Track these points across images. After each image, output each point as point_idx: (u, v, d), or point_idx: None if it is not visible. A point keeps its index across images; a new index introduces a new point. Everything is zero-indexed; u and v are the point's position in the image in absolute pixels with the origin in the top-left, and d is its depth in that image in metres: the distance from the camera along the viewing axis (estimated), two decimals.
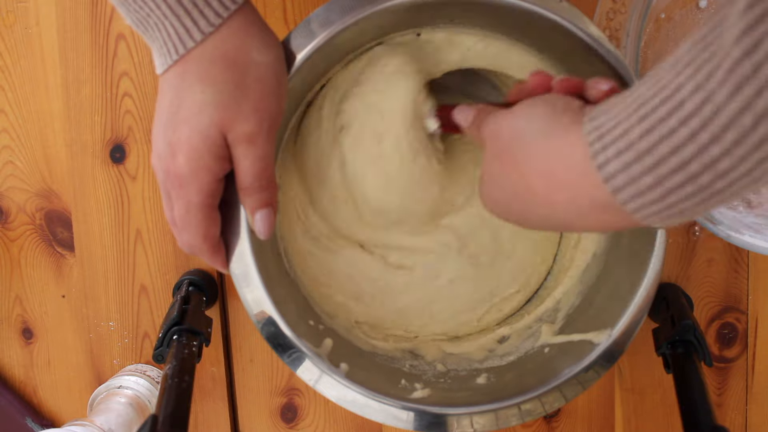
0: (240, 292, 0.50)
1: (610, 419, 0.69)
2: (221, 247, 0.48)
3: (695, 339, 0.56)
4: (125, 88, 0.66)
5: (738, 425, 0.69)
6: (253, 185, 0.44)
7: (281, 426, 0.71)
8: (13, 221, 0.69)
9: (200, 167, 0.42)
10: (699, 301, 0.68)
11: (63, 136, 0.67)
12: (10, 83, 0.67)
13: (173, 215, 0.45)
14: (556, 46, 0.52)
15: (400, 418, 0.51)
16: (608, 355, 0.51)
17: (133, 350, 0.70)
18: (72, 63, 0.66)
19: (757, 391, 0.69)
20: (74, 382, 0.71)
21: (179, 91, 0.42)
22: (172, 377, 0.51)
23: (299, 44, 0.48)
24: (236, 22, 0.42)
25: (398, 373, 0.56)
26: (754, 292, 0.68)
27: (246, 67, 0.42)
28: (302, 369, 0.51)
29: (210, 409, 0.70)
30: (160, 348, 0.57)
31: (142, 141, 0.67)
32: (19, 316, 0.70)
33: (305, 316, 0.55)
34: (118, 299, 0.69)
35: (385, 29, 0.53)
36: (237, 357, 0.69)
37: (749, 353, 0.69)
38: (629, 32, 0.56)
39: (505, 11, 0.49)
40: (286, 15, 0.65)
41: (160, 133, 0.43)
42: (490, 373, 0.56)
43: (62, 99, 0.67)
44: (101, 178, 0.67)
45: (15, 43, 0.66)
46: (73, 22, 0.65)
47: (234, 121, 0.42)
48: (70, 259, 0.69)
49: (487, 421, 0.51)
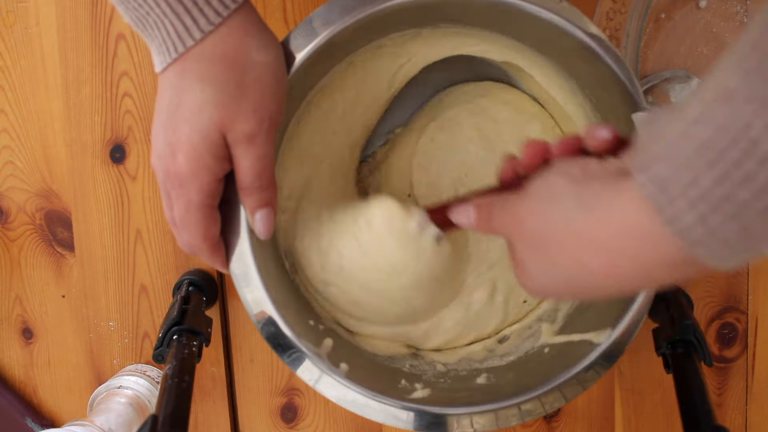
0: (240, 292, 0.50)
1: (610, 419, 0.69)
2: (221, 247, 0.48)
3: (695, 339, 0.56)
4: (125, 88, 0.66)
5: (738, 425, 0.69)
6: (253, 185, 0.44)
7: (281, 426, 0.71)
8: (13, 221, 0.69)
9: (200, 167, 0.42)
10: (699, 301, 0.67)
11: (63, 136, 0.67)
12: (10, 83, 0.67)
13: (173, 215, 0.45)
14: (556, 46, 0.52)
15: (400, 418, 0.51)
16: (608, 355, 0.51)
17: (133, 350, 0.70)
18: (72, 63, 0.66)
19: (757, 391, 0.69)
20: (74, 382, 0.71)
21: (179, 91, 0.42)
22: (172, 377, 0.51)
23: (299, 44, 0.48)
24: (236, 21, 0.42)
25: (398, 373, 0.56)
26: (754, 292, 0.67)
27: (245, 66, 0.42)
28: (302, 369, 0.51)
29: (210, 409, 0.70)
30: (160, 348, 0.57)
31: (142, 141, 0.67)
32: (19, 316, 0.70)
33: (305, 316, 0.55)
34: (118, 299, 0.69)
35: (385, 29, 0.53)
36: (237, 357, 0.69)
37: (749, 353, 0.68)
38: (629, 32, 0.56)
39: (505, 11, 0.49)
40: (286, 15, 0.65)
41: (159, 133, 0.43)
42: (490, 373, 0.56)
43: (62, 99, 0.67)
44: (101, 178, 0.67)
45: (15, 43, 0.66)
46: (73, 22, 0.65)
47: (234, 120, 0.42)
48: (70, 259, 0.69)
49: (487, 421, 0.51)
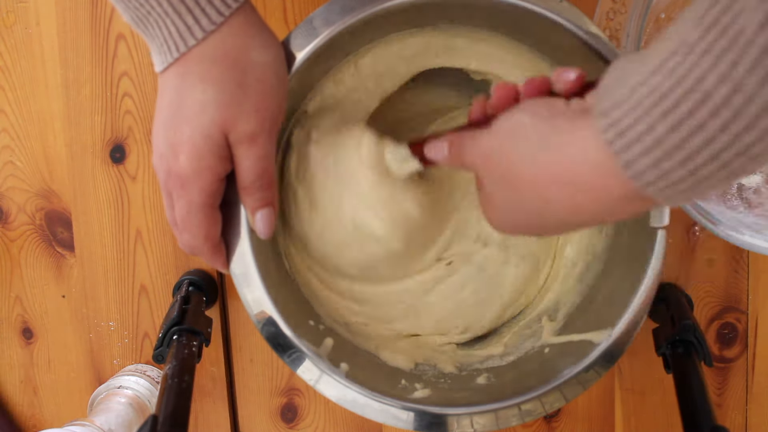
0: (240, 292, 0.50)
1: (610, 419, 0.69)
2: (222, 247, 0.48)
3: (695, 339, 0.56)
4: (125, 88, 0.66)
5: (738, 425, 0.69)
6: (254, 185, 0.44)
7: (281, 426, 0.71)
8: (13, 221, 0.69)
9: (202, 167, 0.42)
10: (699, 301, 0.67)
11: (63, 136, 0.67)
12: (10, 83, 0.67)
13: (174, 215, 0.45)
14: (556, 46, 0.52)
15: (400, 418, 0.51)
16: (608, 355, 0.51)
17: (133, 350, 0.70)
18: (72, 63, 0.66)
19: (757, 391, 0.69)
20: (74, 382, 0.71)
21: (180, 91, 0.42)
22: (172, 377, 0.51)
23: (300, 44, 0.48)
24: (237, 21, 0.42)
25: (398, 373, 0.56)
26: (754, 292, 0.67)
27: (246, 66, 0.42)
28: (302, 369, 0.51)
29: (210, 409, 0.70)
30: (160, 348, 0.57)
31: (142, 141, 0.67)
32: (19, 316, 0.70)
33: (305, 316, 0.55)
34: (118, 299, 0.69)
35: (385, 29, 0.53)
36: (237, 357, 0.69)
37: (749, 353, 0.68)
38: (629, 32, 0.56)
39: (505, 11, 0.49)
40: (286, 15, 0.65)
41: (160, 133, 0.43)
42: (490, 373, 0.56)
43: (62, 99, 0.67)
44: (101, 178, 0.67)
45: (15, 43, 0.66)
46: (73, 22, 0.65)
47: (235, 120, 0.42)
48: (70, 259, 0.69)
49: (487, 421, 0.51)
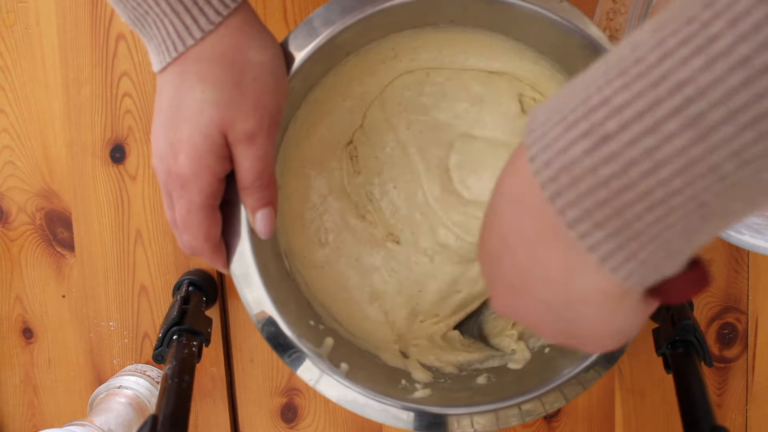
0: (240, 292, 0.50)
1: (610, 419, 0.69)
2: (222, 247, 0.48)
3: (695, 339, 0.56)
4: (125, 88, 0.66)
5: (738, 425, 0.69)
6: (254, 184, 0.44)
7: (281, 426, 0.71)
8: (13, 221, 0.69)
9: (202, 167, 0.42)
10: (699, 301, 0.67)
11: (63, 136, 0.67)
12: (10, 83, 0.67)
13: (174, 216, 0.45)
14: (556, 46, 0.52)
15: (401, 418, 0.51)
16: (608, 355, 0.51)
17: (133, 350, 0.70)
18: (72, 63, 0.66)
19: (757, 391, 0.69)
20: (74, 382, 0.71)
21: (179, 91, 0.42)
22: (172, 377, 0.51)
23: (300, 44, 0.48)
24: (234, 21, 0.42)
25: (398, 373, 0.56)
26: (754, 292, 0.67)
27: (243, 66, 0.42)
28: (302, 369, 0.51)
29: (210, 409, 0.70)
30: (160, 348, 0.57)
31: (142, 141, 0.67)
32: (19, 316, 0.70)
33: (305, 316, 0.55)
34: (118, 299, 0.69)
35: (385, 29, 0.53)
36: (237, 357, 0.69)
37: (749, 353, 0.68)
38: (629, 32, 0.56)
39: (505, 11, 0.49)
40: (286, 15, 0.65)
41: (160, 133, 0.43)
42: (490, 373, 0.56)
43: (62, 99, 0.67)
44: (101, 178, 0.67)
45: (15, 43, 0.66)
46: (73, 22, 0.65)
47: (234, 120, 0.42)
48: (70, 259, 0.69)
49: (487, 421, 0.51)
